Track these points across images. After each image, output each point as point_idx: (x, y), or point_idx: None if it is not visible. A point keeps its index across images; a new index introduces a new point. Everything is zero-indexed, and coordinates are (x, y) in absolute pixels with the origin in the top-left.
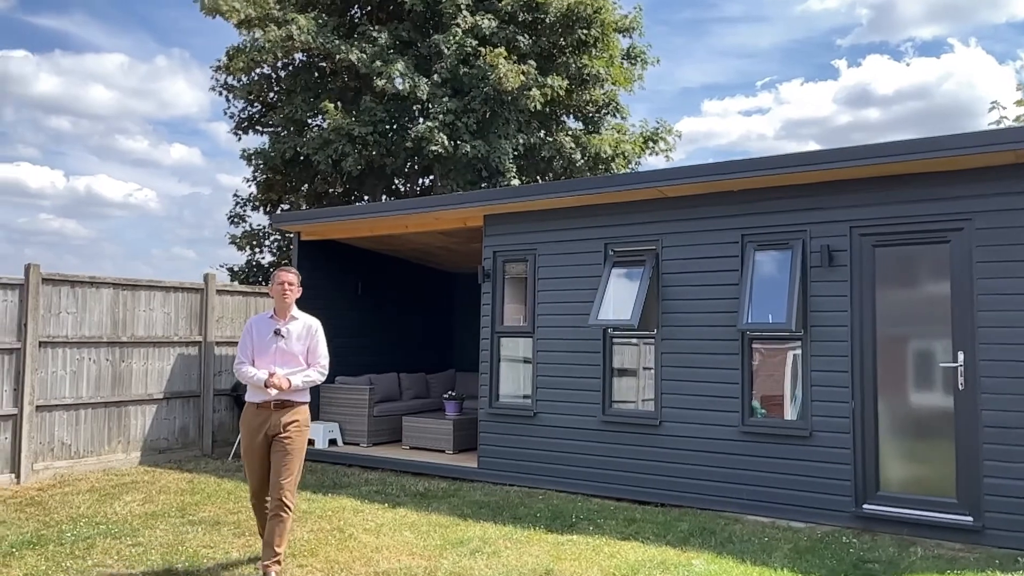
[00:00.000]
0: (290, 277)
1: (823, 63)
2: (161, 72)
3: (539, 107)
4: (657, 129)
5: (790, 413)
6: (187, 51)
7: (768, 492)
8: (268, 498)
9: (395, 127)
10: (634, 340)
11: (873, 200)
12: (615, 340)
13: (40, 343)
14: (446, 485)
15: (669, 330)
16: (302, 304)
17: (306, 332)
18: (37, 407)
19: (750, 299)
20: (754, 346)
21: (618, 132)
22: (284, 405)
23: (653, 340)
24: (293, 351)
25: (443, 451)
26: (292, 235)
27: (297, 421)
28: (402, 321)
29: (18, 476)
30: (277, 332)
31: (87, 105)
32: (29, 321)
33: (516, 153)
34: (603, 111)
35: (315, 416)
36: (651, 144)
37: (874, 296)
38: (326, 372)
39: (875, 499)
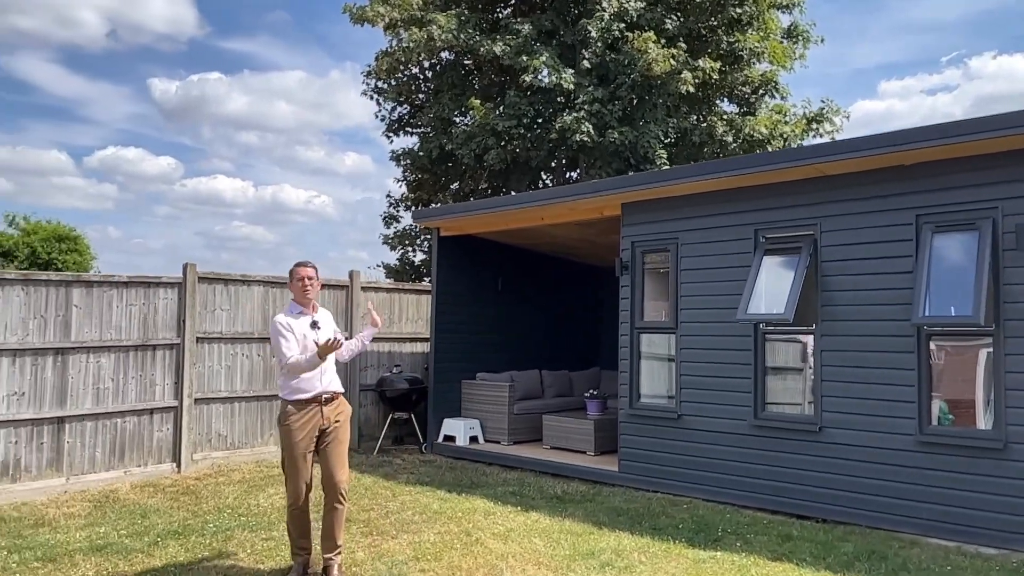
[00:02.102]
0: (310, 272)
1: (1020, 33)
2: (335, 85)
3: (691, 91)
4: (822, 109)
5: (982, 421)
6: (357, 64)
7: (953, 512)
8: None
9: (539, 120)
10: (790, 336)
11: None
12: (768, 336)
13: (197, 339)
14: (585, 488)
15: (830, 325)
16: (446, 300)
17: (332, 320)
18: (195, 400)
19: (927, 289)
20: (933, 343)
21: (777, 113)
22: (333, 398)
23: (812, 336)
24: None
25: (584, 452)
26: (432, 231)
27: (344, 411)
28: (545, 317)
29: (179, 465)
30: (315, 324)
31: (271, 120)
32: (187, 318)
33: (666, 139)
34: (760, 92)
35: (456, 413)
36: (815, 125)
37: None
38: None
39: None
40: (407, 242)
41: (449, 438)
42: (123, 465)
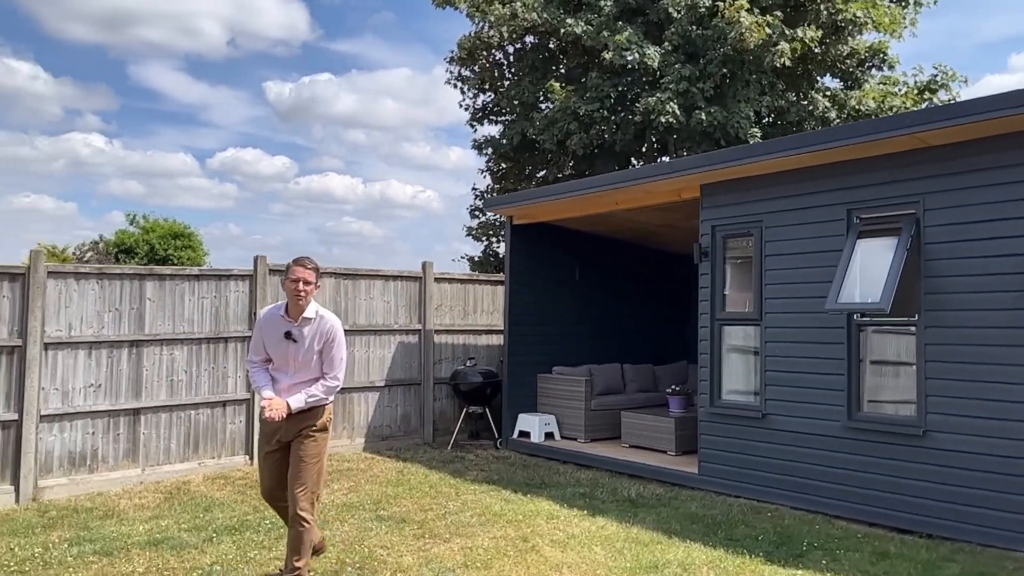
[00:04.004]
0: (307, 274)
1: None
2: (438, 82)
3: (787, 63)
4: (935, 76)
5: None
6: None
7: None
8: (286, 514)
9: (623, 101)
10: (889, 328)
11: None
12: (863, 328)
13: None
14: (662, 491)
15: (936, 315)
16: (520, 291)
17: (321, 337)
18: None
19: None
20: None
21: (885, 84)
22: (298, 412)
23: (914, 328)
24: (306, 358)
25: (665, 452)
26: (506, 220)
27: (311, 426)
28: (628, 308)
29: (251, 457)
30: (289, 335)
31: (378, 118)
32: (258, 310)
33: (760, 119)
34: (867, 64)
35: (532, 407)
36: (928, 95)
37: None
38: (339, 383)
39: None
40: (491, 233)
41: (524, 434)
42: (197, 457)
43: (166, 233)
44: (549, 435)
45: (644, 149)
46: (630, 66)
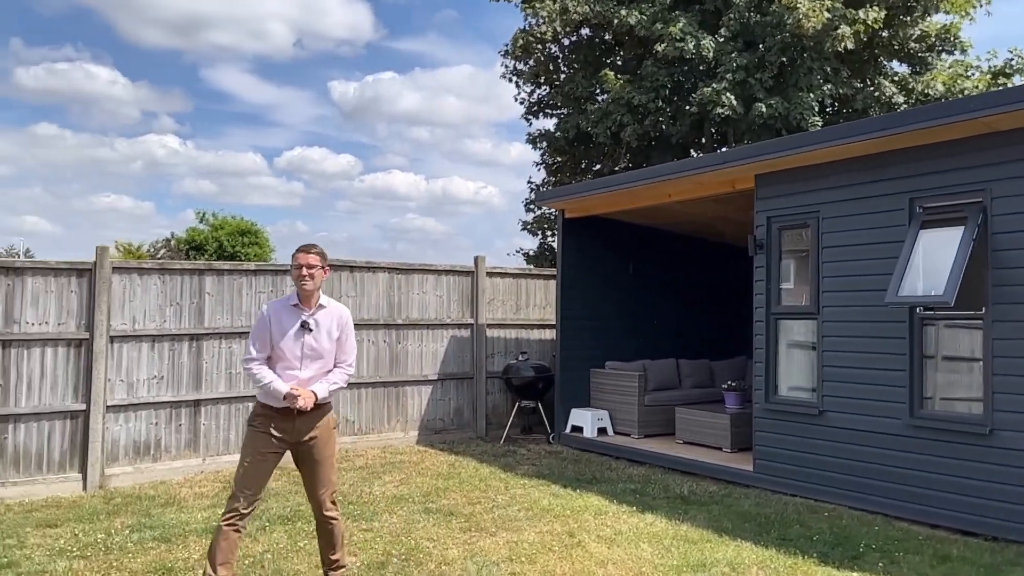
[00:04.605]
0: (310, 259)
1: None
2: (499, 77)
3: (849, 47)
4: (1010, 61)
5: None
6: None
7: None
8: (242, 523)
9: (679, 92)
10: (954, 322)
11: None
12: (927, 322)
13: None
14: (715, 489)
15: (1004, 309)
16: (573, 285)
17: (336, 324)
18: None
19: None
20: None
21: (954, 67)
22: (315, 407)
23: (980, 322)
24: (323, 347)
25: (720, 448)
26: (557, 214)
27: (326, 424)
28: (683, 302)
29: None
30: (305, 325)
31: (441, 115)
32: None
33: (824, 108)
34: (937, 48)
35: (585, 402)
36: (1003, 80)
37: None
38: (353, 371)
39: None
40: (546, 227)
41: (577, 429)
42: None
43: (234, 230)
44: (602, 430)
45: (703, 141)
46: (685, 55)
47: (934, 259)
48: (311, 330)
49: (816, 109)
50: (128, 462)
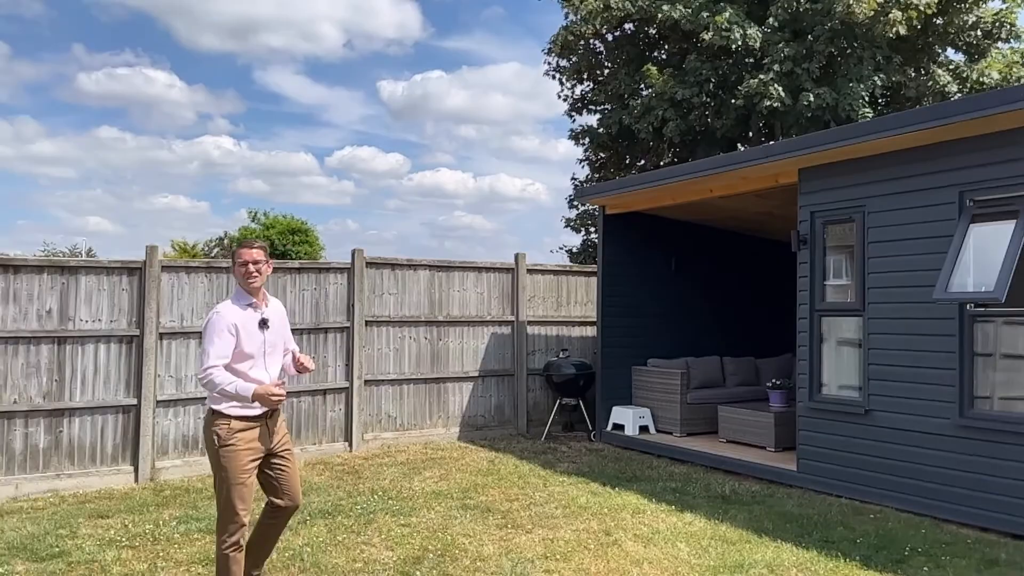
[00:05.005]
0: (255, 254)
1: None
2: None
3: (902, 33)
4: None
5: None
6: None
7: None
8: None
9: (723, 85)
10: (1006, 319)
11: None
12: (978, 319)
13: (366, 322)
14: (758, 488)
15: None
16: (614, 282)
17: (281, 317)
18: (365, 381)
19: None
20: None
21: (1013, 56)
22: (274, 413)
23: None
24: (279, 342)
25: (764, 448)
26: (598, 210)
27: (283, 422)
28: (727, 299)
29: (350, 444)
30: (263, 323)
31: (488, 112)
32: (356, 302)
33: (876, 99)
34: (994, 35)
35: (626, 400)
36: None
37: None
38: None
39: None
40: (589, 223)
41: (618, 427)
42: (299, 443)
43: (285, 229)
44: (644, 428)
45: (750, 135)
46: (731, 46)
47: (984, 254)
48: (268, 327)
49: (867, 99)
50: (177, 455)
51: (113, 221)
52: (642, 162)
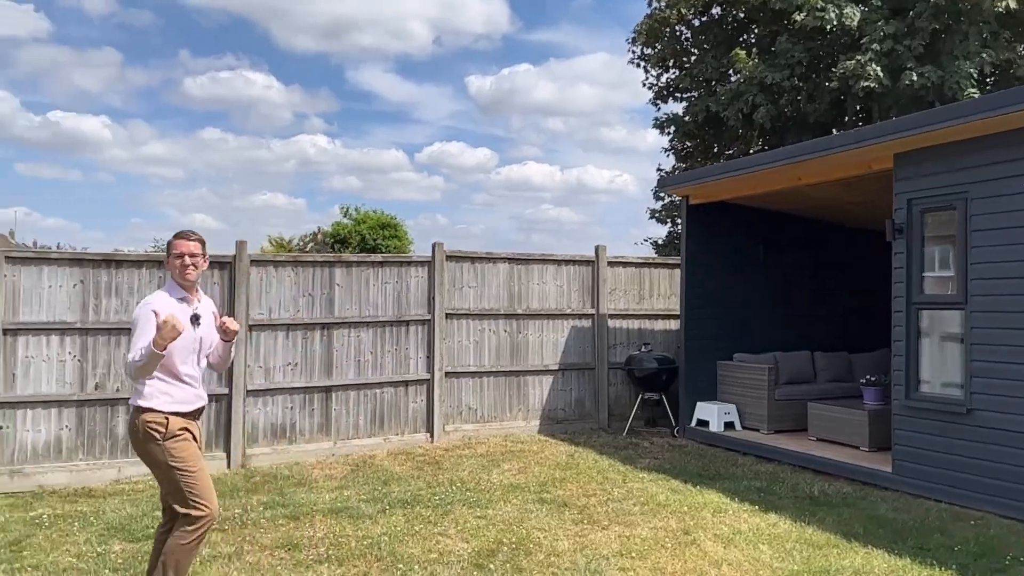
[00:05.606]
0: (191, 246)
1: None
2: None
3: (1011, 8)
4: None
5: None
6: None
7: None
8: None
9: (816, 68)
10: None
11: None
12: None
13: (447, 315)
14: (849, 490)
15: None
16: (698, 274)
17: (212, 311)
18: (446, 373)
19: None
20: None
21: None
22: (199, 414)
23: None
24: (211, 338)
25: (856, 447)
26: (681, 200)
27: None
28: (819, 292)
29: (432, 436)
30: (196, 319)
31: (575, 104)
32: (436, 295)
33: (984, 77)
34: None
35: (711, 395)
36: None
37: None
38: None
39: None
40: (675, 214)
41: (702, 423)
42: (382, 433)
43: (375, 224)
44: (729, 425)
45: (845, 119)
46: (825, 26)
47: None
48: (200, 324)
49: (975, 78)
50: (266, 443)
51: (216, 218)
52: (730, 150)
